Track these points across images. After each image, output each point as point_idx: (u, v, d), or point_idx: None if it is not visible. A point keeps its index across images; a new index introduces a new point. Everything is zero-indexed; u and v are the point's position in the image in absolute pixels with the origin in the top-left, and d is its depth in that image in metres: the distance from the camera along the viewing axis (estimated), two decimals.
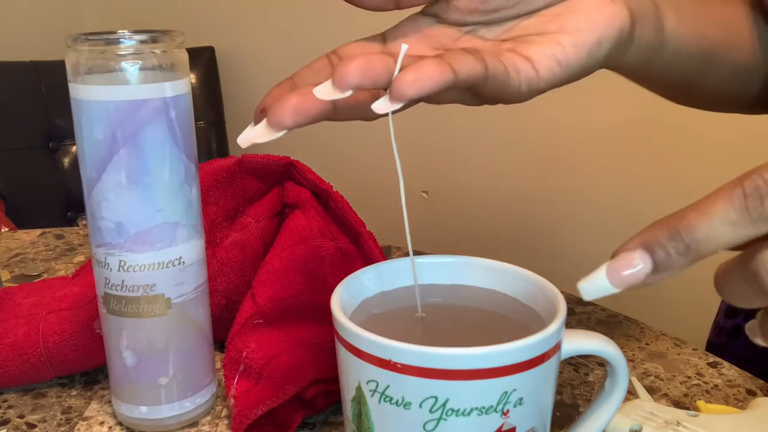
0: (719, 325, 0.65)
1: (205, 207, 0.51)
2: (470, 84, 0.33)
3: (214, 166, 0.52)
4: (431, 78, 0.30)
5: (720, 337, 0.64)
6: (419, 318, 0.34)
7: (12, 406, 0.45)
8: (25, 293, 0.51)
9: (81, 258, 0.70)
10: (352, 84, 0.30)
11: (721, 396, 0.46)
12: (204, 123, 1.65)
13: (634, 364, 0.50)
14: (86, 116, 0.37)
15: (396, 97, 0.30)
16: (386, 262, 0.37)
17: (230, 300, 0.50)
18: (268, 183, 0.54)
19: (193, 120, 0.40)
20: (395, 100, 0.30)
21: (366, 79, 0.30)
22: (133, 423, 0.42)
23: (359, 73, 0.30)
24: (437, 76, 0.30)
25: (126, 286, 0.39)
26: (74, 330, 0.46)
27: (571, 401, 0.45)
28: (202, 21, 1.81)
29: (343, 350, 0.31)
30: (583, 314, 0.57)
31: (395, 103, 0.30)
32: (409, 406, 0.29)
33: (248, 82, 1.82)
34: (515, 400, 0.29)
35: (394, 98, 0.30)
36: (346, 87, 0.30)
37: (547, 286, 0.34)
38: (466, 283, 0.37)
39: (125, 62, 0.37)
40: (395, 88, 0.30)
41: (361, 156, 1.66)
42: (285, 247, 0.50)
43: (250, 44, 1.79)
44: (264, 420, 0.40)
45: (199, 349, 0.42)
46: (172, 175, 0.38)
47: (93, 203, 0.39)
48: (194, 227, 0.40)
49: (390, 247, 0.70)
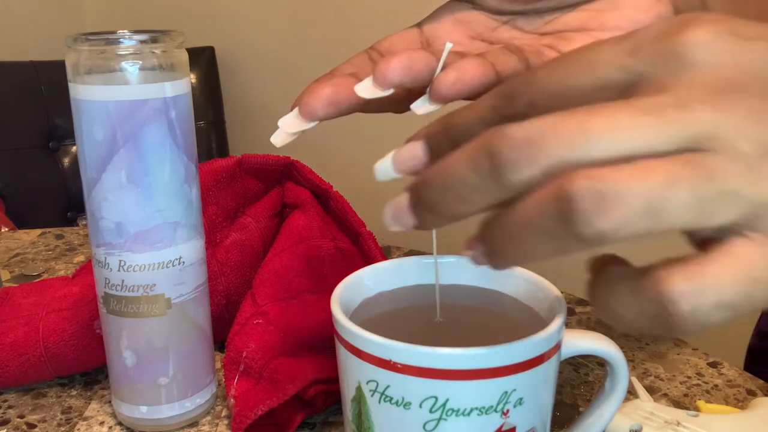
0: (762, 330, 0.64)
1: (205, 207, 0.51)
2: None
3: (214, 166, 0.52)
4: (473, 78, 0.29)
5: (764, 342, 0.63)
6: (419, 318, 0.34)
7: (12, 406, 0.45)
8: (25, 293, 0.51)
9: (81, 258, 0.70)
10: (393, 82, 0.30)
11: (721, 396, 0.46)
12: (204, 123, 1.65)
13: (634, 364, 0.50)
14: (86, 116, 0.37)
15: (436, 98, 0.29)
16: (386, 262, 0.37)
17: (230, 300, 0.50)
18: (268, 183, 0.54)
19: (193, 120, 0.40)
20: (435, 101, 0.29)
21: (407, 77, 0.30)
22: (133, 423, 0.42)
23: (401, 70, 0.29)
24: (479, 76, 0.29)
25: (126, 286, 0.39)
26: (74, 330, 0.46)
27: (571, 401, 0.45)
28: (202, 21, 1.81)
29: (343, 350, 0.31)
30: (583, 314, 0.57)
31: (435, 104, 0.30)
32: (409, 406, 0.29)
33: (248, 82, 1.82)
34: (515, 400, 0.29)
35: (435, 99, 0.29)
36: (387, 85, 0.30)
37: (547, 286, 0.34)
38: (467, 283, 0.37)
39: (125, 62, 0.37)
40: (435, 89, 0.29)
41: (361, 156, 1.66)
42: (285, 247, 0.50)
43: (250, 44, 1.79)
44: (264, 420, 0.40)
45: (199, 349, 0.42)
46: (172, 175, 0.38)
47: (93, 203, 0.39)
48: (194, 227, 0.40)
49: (390, 247, 0.70)
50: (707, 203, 0.20)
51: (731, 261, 0.21)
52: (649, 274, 0.21)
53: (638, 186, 0.20)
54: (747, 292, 0.21)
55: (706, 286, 0.21)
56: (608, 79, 0.23)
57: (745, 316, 0.22)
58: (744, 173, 0.21)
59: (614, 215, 0.20)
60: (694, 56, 0.22)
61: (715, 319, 0.21)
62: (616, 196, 0.20)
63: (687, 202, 0.20)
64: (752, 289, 0.21)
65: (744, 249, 0.21)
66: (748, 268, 0.21)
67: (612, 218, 0.20)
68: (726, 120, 0.21)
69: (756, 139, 0.21)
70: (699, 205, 0.20)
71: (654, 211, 0.20)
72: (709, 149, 0.21)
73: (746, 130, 0.21)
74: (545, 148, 0.21)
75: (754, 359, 0.62)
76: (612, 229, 0.20)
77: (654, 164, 0.20)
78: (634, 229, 0.20)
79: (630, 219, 0.20)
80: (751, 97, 0.21)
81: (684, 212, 0.20)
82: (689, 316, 0.21)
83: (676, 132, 0.21)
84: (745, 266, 0.21)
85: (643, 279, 0.22)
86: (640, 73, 0.23)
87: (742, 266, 0.21)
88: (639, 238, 0.21)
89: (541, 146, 0.21)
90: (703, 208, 0.21)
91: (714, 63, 0.22)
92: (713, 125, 0.21)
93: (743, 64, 0.22)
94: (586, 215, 0.20)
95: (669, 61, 0.22)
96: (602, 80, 0.23)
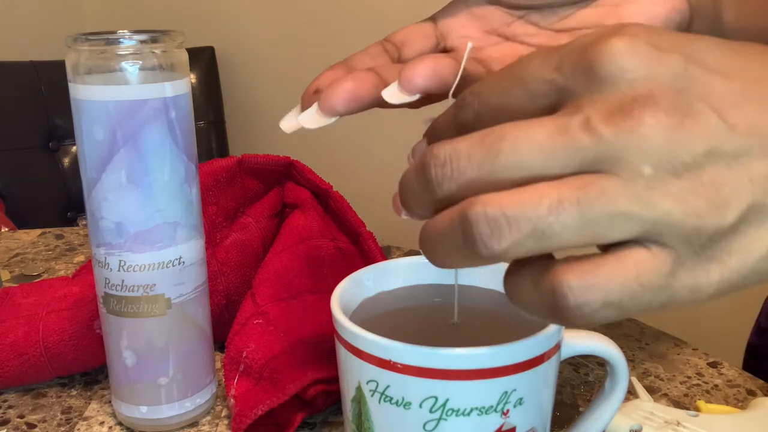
0: (761, 326, 0.64)
1: (205, 207, 0.51)
2: None
3: (214, 166, 0.52)
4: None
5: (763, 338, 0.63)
6: (419, 318, 0.34)
7: (12, 406, 0.45)
8: (25, 293, 0.51)
9: (81, 258, 0.70)
10: (420, 88, 0.30)
11: (721, 396, 0.46)
12: (204, 123, 1.65)
13: (634, 364, 0.50)
14: (86, 116, 0.37)
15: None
16: (386, 262, 0.37)
17: (230, 300, 0.50)
18: (268, 183, 0.54)
19: (193, 120, 0.40)
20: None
21: (433, 83, 0.30)
22: (133, 423, 0.42)
23: (427, 77, 0.30)
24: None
25: (126, 286, 0.39)
26: (74, 330, 0.46)
27: (571, 401, 0.45)
28: (202, 21, 1.81)
29: (343, 350, 0.31)
30: None
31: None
32: (409, 406, 0.29)
33: (248, 82, 1.82)
34: (515, 400, 0.29)
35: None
36: (414, 91, 0.30)
37: None
38: (467, 283, 0.37)
39: (125, 62, 0.37)
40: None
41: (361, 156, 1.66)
42: (285, 247, 0.50)
43: (250, 44, 1.79)
44: (264, 420, 0.40)
45: (199, 349, 0.42)
46: (172, 175, 0.38)
47: (93, 203, 0.39)
48: (194, 227, 0.40)
49: (390, 247, 0.70)
50: (596, 225, 0.22)
51: (623, 265, 0.22)
52: (550, 268, 0.23)
53: (527, 212, 0.22)
54: (634, 295, 0.22)
55: (596, 285, 0.22)
56: (537, 93, 0.24)
57: (630, 316, 0.23)
58: (640, 194, 0.22)
59: (505, 239, 0.22)
60: (607, 70, 0.22)
61: (601, 315, 0.23)
62: (507, 222, 0.22)
63: (572, 225, 0.22)
64: (639, 293, 0.22)
65: (638, 256, 0.22)
66: (637, 273, 0.22)
67: (504, 241, 0.22)
68: (626, 142, 0.22)
69: (658, 159, 0.22)
70: (586, 227, 0.22)
71: (540, 235, 0.22)
72: (607, 171, 0.22)
73: (648, 150, 0.22)
74: (459, 168, 0.23)
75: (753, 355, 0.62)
76: (504, 250, 0.22)
77: (544, 189, 0.22)
78: (525, 249, 0.22)
79: (520, 241, 0.22)
80: (659, 112, 0.22)
81: (570, 234, 0.22)
82: (576, 310, 0.22)
83: (577, 153, 0.22)
84: (635, 271, 0.22)
85: (544, 272, 0.23)
86: (563, 87, 0.23)
87: (633, 271, 0.22)
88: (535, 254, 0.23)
89: (455, 166, 0.23)
90: (592, 230, 0.22)
91: (628, 77, 0.22)
92: (613, 148, 0.22)
93: (657, 77, 0.22)
94: (482, 238, 0.22)
95: (586, 75, 0.23)
96: (531, 93, 0.24)
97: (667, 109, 0.22)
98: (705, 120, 0.22)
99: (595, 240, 0.22)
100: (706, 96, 0.22)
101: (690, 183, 0.22)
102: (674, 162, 0.22)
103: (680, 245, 0.22)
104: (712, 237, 0.22)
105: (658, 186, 0.22)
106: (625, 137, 0.22)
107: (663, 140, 0.22)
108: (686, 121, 0.22)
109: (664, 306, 0.23)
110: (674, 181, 0.22)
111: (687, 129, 0.22)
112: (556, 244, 0.22)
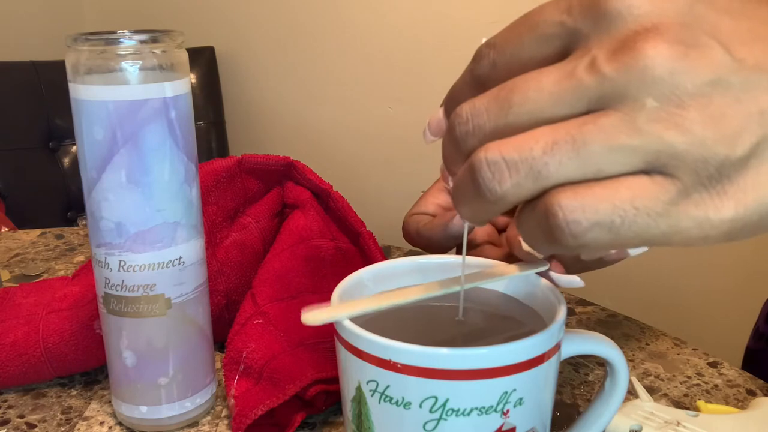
0: (759, 330, 0.64)
1: (205, 207, 0.51)
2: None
3: (214, 166, 0.52)
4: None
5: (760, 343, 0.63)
6: (419, 318, 0.34)
7: (12, 406, 0.45)
8: (25, 293, 0.51)
9: (81, 258, 0.70)
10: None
11: (721, 396, 0.46)
12: (204, 123, 1.65)
13: (634, 364, 0.50)
14: (86, 116, 0.37)
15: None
16: (386, 262, 0.37)
17: (230, 300, 0.50)
18: (268, 183, 0.54)
19: (193, 120, 0.40)
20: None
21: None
22: (133, 423, 0.42)
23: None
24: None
25: (126, 286, 0.39)
26: (74, 330, 0.46)
27: (571, 401, 0.45)
28: (202, 21, 1.81)
29: (343, 350, 0.31)
30: (583, 314, 0.57)
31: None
32: (409, 406, 0.29)
33: (248, 82, 1.82)
34: (515, 400, 0.29)
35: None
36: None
37: (547, 286, 0.34)
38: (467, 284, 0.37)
39: (125, 62, 0.37)
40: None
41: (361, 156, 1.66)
42: (285, 247, 0.50)
43: (250, 44, 1.79)
44: (264, 420, 0.40)
45: (199, 349, 0.42)
46: (172, 175, 0.38)
47: (93, 203, 0.39)
48: (194, 227, 0.40)
49: (390, 247, 0.70)
50: (593, 161, 0.22)
51: (617, 188, 0.23)
52: (547, 192, 0.24)
53: (524, 154, 0.23)
54: (626, 216, 0.22)
55: (586, 204, 0.23)
56: (549, 36, 0.24)
57: (629, 243, 0.23)
58: (641, 127, 0.22)
59: (505, 181, 0.23)
60: (614, 7, 0.23)
61: (592, 235, 0.23)
62: (506, 165, 0.23)
63: (567, 163, 0.23)
64: (633, 216, 0.22)
65: (636, 182, 0.23)
66: (632, 196, 0.22)
67: (504, 183, 0.24)
68: (629, 77, 0.22)
69: (661, 91, 0.22)
70: (583, 164, 0.23)
71: (537, 175, 0.23)
72: (611, 108, 0.22)
73: (650, 82, 0.22)
74: (479, 124, 0.25)
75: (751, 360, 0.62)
76: (505, 191, 0.24)
77: (542, 131, 0.23)
78: (525, 190, 0.24)
79: (519, 183, 0.23)
80: (662, 43, 0.22)
81: (568, 172, 0.23)
82: (566, 227, 0.23)
83: (584, 95, 0.23)
84: (629, 194, 0.22)
85: (541, 197, 0.24)
86: (573, 29, 0.24)
87: (627, 193, 0.22)
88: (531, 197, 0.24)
89: (476, 122, 0.25)
90: (591, 166, 0.23)
91: (634, 13, 0.23)
92: (616, 84, 0.22)
93: (663, 11, 0.22)
94: (485, 182, 0.24)
95: (594, 15, 0.23)
96: (544, 38, 0.25)
97: (670, 40, 0.22)
98: (711, 52, 0.22)
99: (595, 175, 0.23)
100: (713, 31, 0.22)
101: (696, 113, 0.22)
102: (678, 92, 0.22)
103: (686, 175, 0.22)
104: (721, 169, 0.22)
105: (661, 117, 0.22)
106: (627, 72, 0.22)
107: (665, 71, 0.22)
108: (691, 51, 0.22)
109: (668, 237, 0.23)
110: (678, 111, 0.22)
111: (691, 59, 0.22)
112: (554, 182, 0.23)
